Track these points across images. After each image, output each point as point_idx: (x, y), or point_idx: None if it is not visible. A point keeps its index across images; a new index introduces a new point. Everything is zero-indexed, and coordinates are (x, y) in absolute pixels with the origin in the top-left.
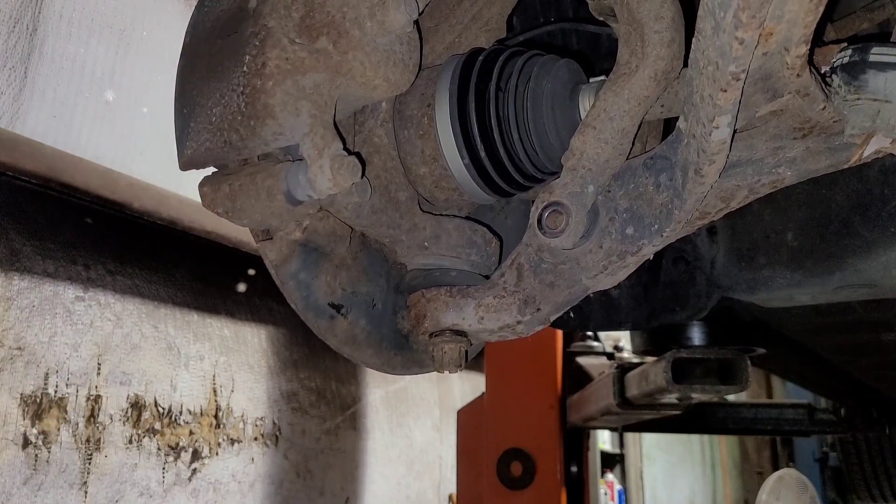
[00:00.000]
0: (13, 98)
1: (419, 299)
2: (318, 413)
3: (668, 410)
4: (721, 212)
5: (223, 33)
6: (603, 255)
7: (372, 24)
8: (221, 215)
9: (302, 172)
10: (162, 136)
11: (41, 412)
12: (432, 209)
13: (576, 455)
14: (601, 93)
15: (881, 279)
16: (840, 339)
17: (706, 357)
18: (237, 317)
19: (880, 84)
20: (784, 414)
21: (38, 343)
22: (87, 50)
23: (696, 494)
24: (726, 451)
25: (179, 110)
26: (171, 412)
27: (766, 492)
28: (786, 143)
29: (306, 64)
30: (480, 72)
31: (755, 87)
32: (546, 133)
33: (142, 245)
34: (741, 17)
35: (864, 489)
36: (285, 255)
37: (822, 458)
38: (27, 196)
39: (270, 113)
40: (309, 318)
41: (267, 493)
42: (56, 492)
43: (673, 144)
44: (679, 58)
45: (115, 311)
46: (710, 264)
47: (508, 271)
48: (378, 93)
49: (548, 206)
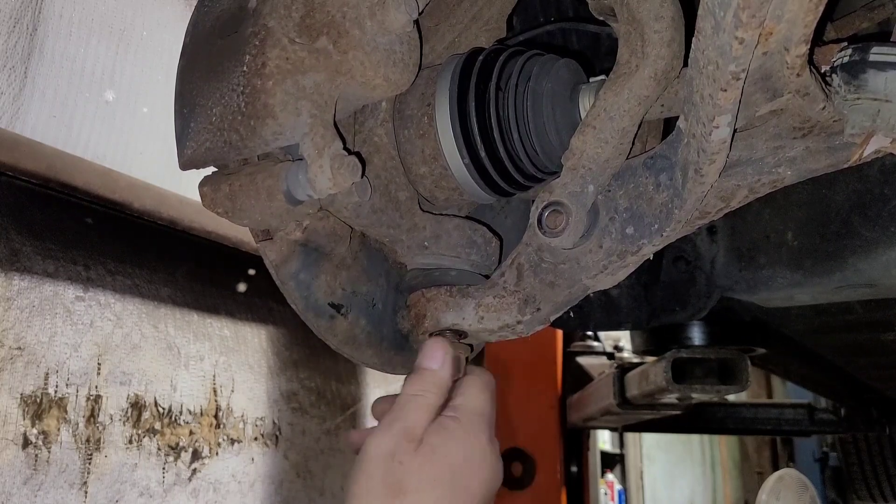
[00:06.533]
0: (13, 98)
1: (419, 299)
2: (318, 413)
3: (668, 410)
4: (721, 211)
5: (223, 33)
6: (603, 254)
7: (372, 24)
8: (221, 215)
9: (302, 172)
10: (162, 136)
11: (41, 412)
12: (432, 209)
13: (576, 455)
14: (601, 92)
15: (881, 279)
16: (840, 339)
17: (706, 357)
18: (237, 317)
19: (880, 83)
20: (784, 414)
21: (38, 343)
22: (87, 50)
23: (696, 494)
24: (726, 451)
25: (179, 110)
26: (171, 412)
27: (766, 492)
28: (786, 143)
29: (306, 64)
30: (480, 71)
31: (755, 87)
32: (546, 133)
33: (142, 245)
34: (741, 16)
35: (864, 489)
36: (285, 255)
37: (822, 458)
38: (27, 196)
39: (270, 113)
40: (309, 318)
41: (267, 492)
42: (56, 492)
43: (673, 144)
44: (679, 57)
45: (116, 311)
46: (710, 264)
47: (508, 271)
48: (378, 92)
49: (548, 205)
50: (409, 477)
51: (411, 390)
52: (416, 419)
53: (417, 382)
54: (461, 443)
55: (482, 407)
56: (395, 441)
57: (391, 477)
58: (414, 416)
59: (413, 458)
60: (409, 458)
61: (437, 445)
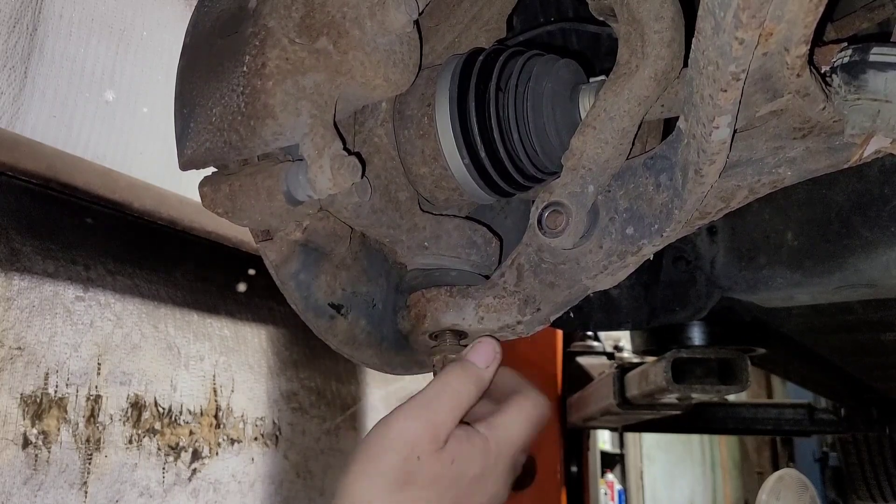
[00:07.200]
0: (13, 98)
1: (419, 299)
2: (318, 413)
3: (668, 410)
4: (721, 212)
5: (223, 33)
6: (603, 254)
7: (372, 24)
8: (221, 215)
9: (302, 172)
10: (162, 136)
11: (41, 412)
12: (432, 209)
13: (576, 455)
14: (601, 93)
15: (881, 279)
16: (840, 339)
17: (706, 357)
18: (237, 317)
19: (880, 84)
20: (784, 414)
21: (38, 343)
22: (87, 50)
23: (696, 494)
24: (726, 451)
25: (179, 110)
26: (171, 412)
27: (766, 492)
28: (786, 143)
29: (306, 64)
30: (480, 72)
31: (755, 87)
32: (546, 133)
33: (142, 245)
34: (741, 17)
35: (864, 489)
36: (285, 255)
37: (822, 458)
38: (27, 196)
39: (270, 113)
40: (309, 318)
41: (267, 492)
42: (56, 492)
43: (673, 144)
44: (679, 57)
45: (116, 311)
46: (710, 264)
47: (508, 271)
48: (378, 93)
49: (548, 205)
50: (421, 473)
51: (451, 381)
52: (445, 416)
53: (460, 375)
54: (481, 464)
55: (517, 438)
56: (419, 432)
57: (406, 466)
58: (445, 410)
59: (431, 458)
60: (427, 457)
61: (458, 456)
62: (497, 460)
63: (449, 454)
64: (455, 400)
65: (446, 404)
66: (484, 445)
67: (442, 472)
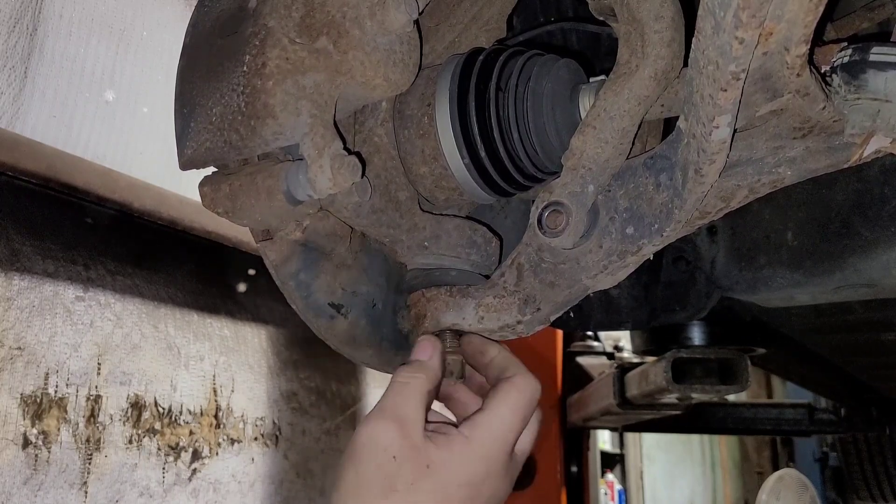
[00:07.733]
0: (13, 98)
1: (419, 299)
2: (318, 413)
3: (668, 410)
4: (721, 211)
5: (223, 33)
6: (603, 254)
7: (372, 24)
8: (221, 215)
9: (302, 172)
10: (162, 136)
11: (41, 412)
12: (432, 209)
13: (576, 455)
14: (601, 92)
15: (881, 279)
16: (840, 339)
17: (706, 357)
18: (237, 317)
19: (880, 84)
20: (784, 414)
21: (38, 343)
22: (87, 50)
23: (696, 494)
24: (726, 451)
25: (179, 110)
26: (171, 412)
27: (766, 492)
28: (786, 143)
29: (306, 63)
30: (480, 71)
31: (755, 87)
32: (546, 133)
33: (141, 245)
34: (741, 16)
35: (864, 489)
36: (285, 255)
37: (822, 458)
38: (27, 196)
39: (270, 113)
40: (309, 318)
41: (267, 492)
42: (56, 492)
43: (673, 144)
44: (679, 57)
45: (115, 311)
46: (710, 264)
47: (508, 271)
48: (378, 92)
49: (548, 205)
50: (401, 477)
51: (399, 377)
52: (405, 408)
53: (406, 370)
54: (467, 470)
55: (505, 432)
56: (386, 432)
57: (384, 470)
58: (401, 403)
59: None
60: (402, 455)
61: (438, 464)
62: (488, 463)
63: (423, 458)
64: (406, 390)
65: (400, 397)
66: (464, 449)
67: (420, 477)
